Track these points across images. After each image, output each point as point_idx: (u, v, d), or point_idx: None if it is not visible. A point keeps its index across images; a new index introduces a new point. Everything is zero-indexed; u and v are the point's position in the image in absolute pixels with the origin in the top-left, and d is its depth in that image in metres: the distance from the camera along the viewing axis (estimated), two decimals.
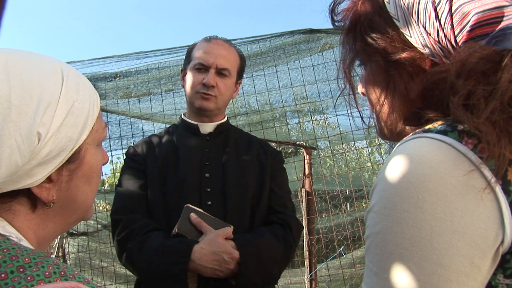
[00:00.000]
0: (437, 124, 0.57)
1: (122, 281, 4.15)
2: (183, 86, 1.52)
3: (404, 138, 0.59)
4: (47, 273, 0.50)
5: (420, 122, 0.61)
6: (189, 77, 1.46)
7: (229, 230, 1.29)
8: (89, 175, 0.66)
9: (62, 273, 0.51)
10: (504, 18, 0.55)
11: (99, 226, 4.69)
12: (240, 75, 1.53)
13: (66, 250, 4.69)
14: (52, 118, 0.56)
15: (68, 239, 4.67)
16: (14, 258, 0.51)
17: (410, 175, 0.53)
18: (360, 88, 0.76)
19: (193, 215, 1.27)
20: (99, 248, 4.44)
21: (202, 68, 1.43)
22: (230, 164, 1.42)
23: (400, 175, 0.54)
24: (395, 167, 0.55)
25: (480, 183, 0.51)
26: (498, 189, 0.51)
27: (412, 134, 0.58)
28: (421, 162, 0.53)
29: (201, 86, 1.41)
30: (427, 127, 0.58)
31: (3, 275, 0.49)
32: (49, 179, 0.60)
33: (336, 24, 0.73)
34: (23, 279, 0.49)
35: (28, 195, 0.60)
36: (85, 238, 4.63)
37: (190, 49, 1.51)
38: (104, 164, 0.72)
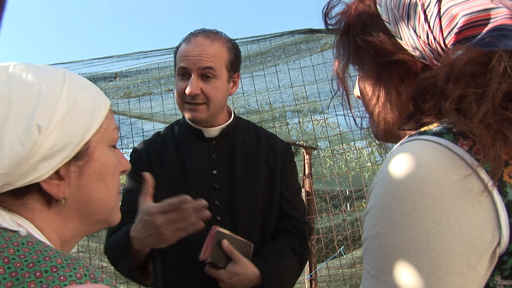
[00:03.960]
0: (432, 126, 0.58)
1: (122, 281, 4.16)
2: None
3: (401, 141, 0.59)
4: (78, 275, 0.52)
5: (415, 126, 0.61)
6: (176, 84, 1.33)
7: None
8: (101, 173, 0.68)
9: (92, 275, 0.53)
10: (491, 20, 0.56)
11: None
12: (234, 68, 1.34)
13: None
14: (53, 112, 0.59)
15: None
16: (47, 258, 0.54)
17: (406, 177, 0.53)
18: (355, 91, 0.77)
19: (225, 242, 1.22)
20: (99, 248, 4.45)
21: (185, 73, 1.29)
22: (238, 173, 1.36)
23: (397, 178, 0.54)
24: (392, 170, 0.55)
25: (476, 186, 0.51)
26: (495, 191, 0.51)
27: (408, 137, 0.59)
28: (417, 165, 0.53)
29: (186, 95, 1.27)
30: (422, 129, 0.59)
31: (38, 274, 0.52)
32: (58, 176, 0.62)
33: (330, 27, 0.74)
34: (56, 278, 0.51)
35: (39, 192, 0.62)
36: (85, 238, 4.63)
37: (175, 50, 1.36)
38: (124, 172, 0.74)
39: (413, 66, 0.64)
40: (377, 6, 0.67)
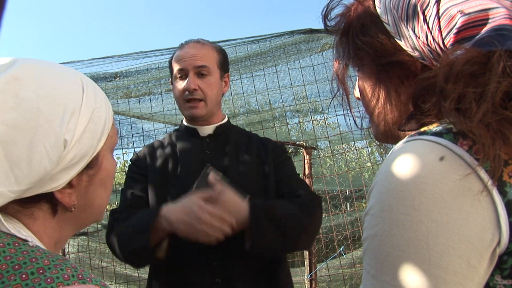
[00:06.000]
0: (432, 126, 0.58)
1: (122, 281, 4.16)
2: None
3: (401, 141, 0.59)
4: (66, 276, 0.51)
5: (414, 127, 0.61)
6: (174, 87, 1.47)
7: (213, 193, 1.24)
8: (105, 180, 0.68)
9: (80, 276, 0.52)
10: (490, 20, 0.56)
11: (99, 226, 4.70)
12: (224, 68, 1.50)
13: (66, 250, 4.69)
14: (76, 125, 0.59)
15: (68, 239, 4.66)
16: (34, 260, 0.53)
17: (406, 177, 0.53)
18: (355, 92, 0.77)
19: (212, 175, 1.23)
20: (99, 248, 4.46)
21: (183, 74, 1.43)
22: (230, 164, 1.43)
23: (396, 178, 0.54)
24: (392, 170, 0.55)
25: (476, 185, 0.51)
26: (494, 191, 0.51)
27: (408, 137, 0.59)
28: (417, 164, 0.53)
29: (186, 93, 1.42)
30: (422, 129, 0.59)
31: (24, 276, 0.50)
32: (70, 185, 0.62)
33: (329, 29, 0.74)
34: (43, 280, 0.50)
35: (50, 201, 0.61)
36: (85, 238, 4.64)
37: (170, 61, 1.52)
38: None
39: (412, 67, 0.64)
40: (376, 7, 0.68)
